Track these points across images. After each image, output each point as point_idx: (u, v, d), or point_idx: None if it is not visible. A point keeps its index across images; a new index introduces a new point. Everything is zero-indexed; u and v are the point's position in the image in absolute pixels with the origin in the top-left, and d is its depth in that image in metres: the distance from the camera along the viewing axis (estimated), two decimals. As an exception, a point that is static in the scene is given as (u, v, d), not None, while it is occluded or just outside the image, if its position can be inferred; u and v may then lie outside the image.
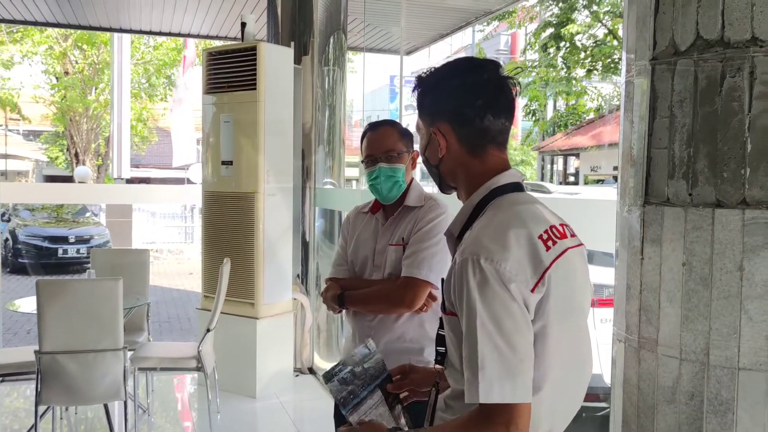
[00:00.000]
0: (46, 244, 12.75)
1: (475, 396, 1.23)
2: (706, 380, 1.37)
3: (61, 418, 4.43)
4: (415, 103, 1.47)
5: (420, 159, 1.60)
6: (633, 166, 1.54)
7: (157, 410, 4.81)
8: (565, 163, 21.67)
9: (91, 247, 12.35)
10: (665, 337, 1.44)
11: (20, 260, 12.58)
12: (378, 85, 29.67)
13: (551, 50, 17.48)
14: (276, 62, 5.02)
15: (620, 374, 1.58)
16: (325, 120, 5.82)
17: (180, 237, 17.81)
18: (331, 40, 5.81)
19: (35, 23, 7.18)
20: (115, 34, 13.65)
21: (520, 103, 20.62)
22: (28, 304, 4.27)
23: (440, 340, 1.46)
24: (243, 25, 5.09)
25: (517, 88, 1.42)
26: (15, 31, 17.76)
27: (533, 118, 19.88)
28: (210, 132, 5.17)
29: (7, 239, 12.85)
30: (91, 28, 7.51)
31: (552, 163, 22.52)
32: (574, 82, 18.02)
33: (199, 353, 4.11)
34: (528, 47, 18.51)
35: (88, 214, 14.83)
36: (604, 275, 4.20)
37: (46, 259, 12.60)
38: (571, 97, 18.73)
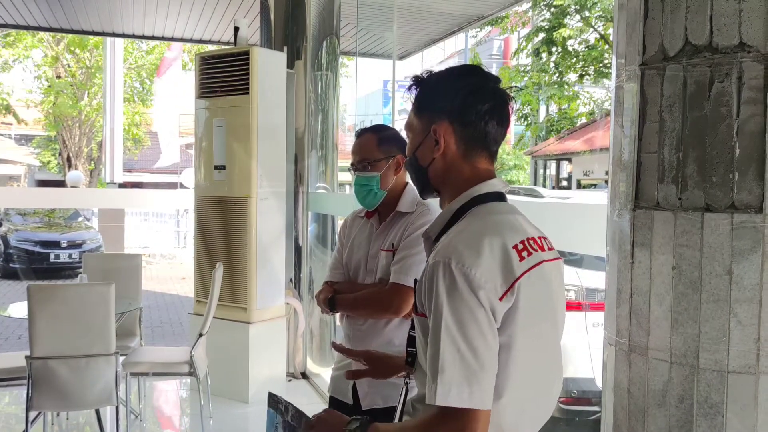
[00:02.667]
0: (37, 248, 12.69)
1: (433, 398, 1.23)
2: (696, 383, 1.38)
3: (53, 424, 4.41)
4: (410, 102, 1.49)
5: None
6: (623, 170, 1.55)
7: (149, 415, 4.79)
8: (558, 167, 21.75)
9: (84, 251, 12.31)
10: (655, 340, 1.44)
11: (12, 265, 12.52)
12: (371, 89, 29.71)
13: (543, 55, 17.55)
14: (269, 67, 5.02)
15: (611, 378, 1.58)
16: (318, 124, 5.82)
17: (173, 241, 17.77)
18: (324, 45, 5.82)
19: (27, 27, 7.17)
20: (108, 39, 13.63)
21: (512, 107, 20.66)
22: (19, 310, 4.25)
23: (411, 341, 1.50)
24: (236, 29, 5.09)
25: (513, 104, 1.45)
26: (6, 35, 17.71)
27: (525, 123, 19.93)
28: (203, 136, 5.16)
29: (-2, 244, 12.79)
30: (83, 32, 7.51)
31: (545, 168, 22.60)
32: (566, 86, 18.10)
33: (191, 358, 4.10)
34: (520, 52, 18.57)
35: (80, 219, 14.78)
36: (595, 279, 4.24)
37: (37, 264, 12.55)
38: (563, 101, 18.80)
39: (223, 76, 5.00)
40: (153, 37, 7.81)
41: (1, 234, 12.99)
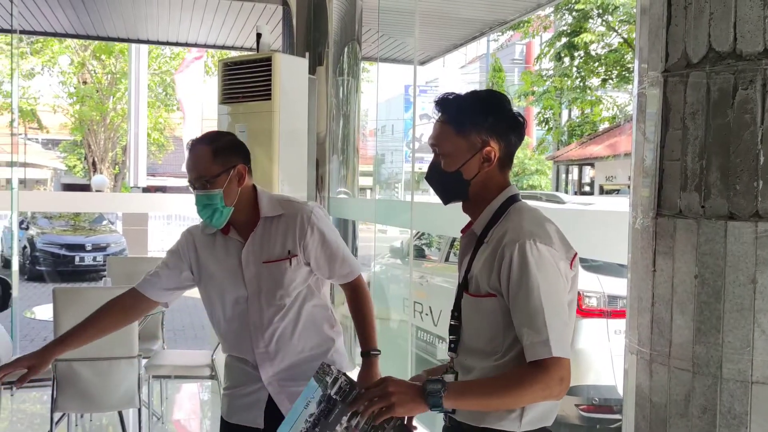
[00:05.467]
0: (63, 251, 12.86)
1: (547, 351, 1.46)
2: (719, 394, 1.36)
3: (77, 425, 4.46)
4: (454, 117, 1.64)
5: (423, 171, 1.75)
6: (645, 177, 1.54)
7: (171, 418, 4.83)
8: (580, 172, 21.58)
9: (108, 255, 12.45)
10: (678, 349, 1.43)
11: (38, 268, 12.70)
12: (392, 94, 29.74)
13: (566, 59, 17.46)
14: (291, 72, 5.05)
15: (632, 387, 1.57)
16: (339, 129, 5.85)
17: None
18: (346, 51, 5.84)
19: (55, 34, 7.29)
20: (133, 45, 13.80)
21: (533, 110, 20.60)
22: (44, 312, 4.31)
23: (452, 329, 1.66)
24: (258, 35, 5.13)
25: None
26: (35, 42, 18.02)
27: (546, 127, 19.83)
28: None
29: (25, 247, 12.97)
30: (109, 38, 7.61)
31: (567, 173, 22.44)
32: (588, 91, 17.98)
33: (212, 362, 4.13)
34: (542, 56, 18.49)
35: (104, 223, 14.95)
36: (617, 286, 4.20)
37: (63, 267, 12.72)
38: (585, 105, 18.69)
39: (246, 81, 5.03)
40: (177, 43, 7.90)
41: (28, 237, 13.18)
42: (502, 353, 1.56)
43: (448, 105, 1.65)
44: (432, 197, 2.14)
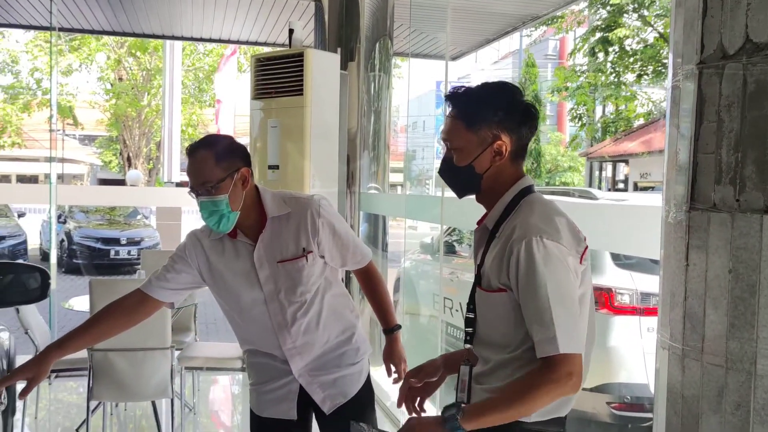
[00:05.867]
0: (99, 245, 13.10)
1: (555, 348, 1.48)
2: (753, 390, 1.34)
3: (111, 415, 4.55)
4: (464, 112, 1.64)
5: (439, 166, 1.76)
6: (679, 171, 1.52)
7: (203, 409, 4.90)
8: (614, 169, 21.30)
9: (142, 248, 12.66)
10: (711, 345, 1.41)
11: (75, 261, 12.95)
12: (424, 90, 29.67)
13: (600, 55, 17.23)
14: (322, 68, 5.07)
15: (664, 383, 1.55)
16: (371, 125, 5.86)
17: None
18: (377, 46, 5.85)
19: (92, 31, 7.42)
20: (167, 42, 13.97)
21: (566, 106, 20.39)
22: (81, 303, 4.40)
23: (468, 322, 1.69)
24: (291, 31, 5.16)
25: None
26: (72, 39, 18.37)
27: (579, 123, 19.60)
28: (257, 137, 5.25)
29: (62, 240, 13.24)
30: (144, 35, 7.74)
31: (600, 170, 22.16)
32: (623, 86, 17.73)
33: (243, 354, 4.18)
34: (576, 52, 18.28)
35: (139, 217, 15.18)
36: (650, 283, 4.14)
37: (98, 260, 12.95)
38: (620, 102, 18.43)
39: (278, 77, 5.07)
40: (210, 40, 7.98)
41: (66, 231, 13.45)
42: (516, 346, 1.60)
43: (459, 99, 1.67)
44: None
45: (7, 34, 19.15)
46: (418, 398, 1.94)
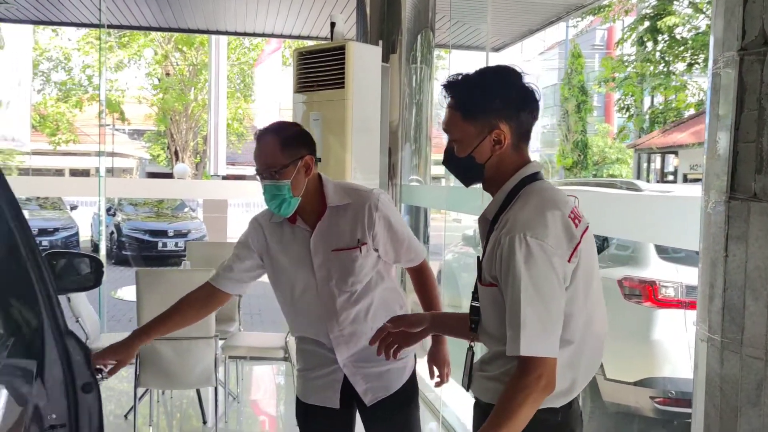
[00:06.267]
0: (147, 237, 13.39)
1: (517, 349, 1.48)
2: (794, 383, 1.31)
3: (158, 401, 4.67)
4: (461, 102, 1.61)
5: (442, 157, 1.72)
6: (718, 160, 1.49)
7: (246, 398, 4.99)
8: (663, 161, 20.82)
9: (189, 240, 12.90)
10: (750, 337, 1.38)
11: (124, 252, 13.28)
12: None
13: (648, 44, 16.86)
14: (364, 61, 5.09)
15: (702, 375, 1.53)
16: (412, 118, 5.85)
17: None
18: (419, 38, 5.84)
19: (139, 28, 7.58)
20: (212, 37, 14.18)
21: (614, 97, 19.99)
22: (129, 293, 4.52)
23: (473, 310, 1.69)
24: (332, 24, 5.19)
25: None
26: (122, 35, 18.80)
27: (627, 114, 19.22)
28: (300, 130, 5.30)
29: (112, 232, 13.58)
30: (189, 30, 7.86)
31: (649, 162, 21.70)
32: (673, 76, 17.32)
33: (286, 344, 4.24)
34: (624, 41, 17.91)
35: (186, 209, 15.47)
36: (695, 276, 4.05)
37: (147, 252, 13.25)
38: (669, 92, 18.01)
39: (320, 70, 5.10)
40: (254, 34, 8.08)
41: (115, 223, 13.80)
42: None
43: (455, 89, 1.63)
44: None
45: (60, 32, 19.68)
46: (395, 345, 1.91)
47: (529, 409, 1.48)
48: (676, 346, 3.91)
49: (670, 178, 20.02)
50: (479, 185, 1.72)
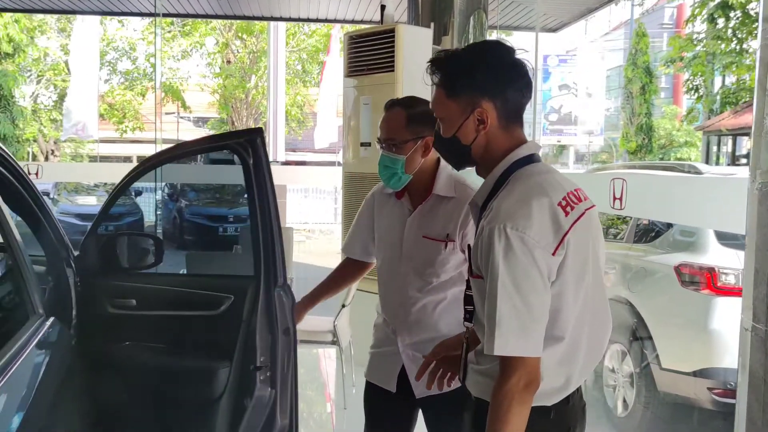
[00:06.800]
0: (207, 222, 13.66)
1: (491, 348, 1.42)
2: (843, 377, 1.22)
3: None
4: (444, 79, 1.54)
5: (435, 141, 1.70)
6: (765, 138, 1.40)
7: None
8: (734, 143, 19.98)
9: (246, 225, 13.09)
10: (796, 327, 1.30)
11: (186, 237, 13.60)
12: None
13: (719, 21, 16.17)
14: (414, 44, 5.03)
15: (746, 366, 1.44)
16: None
17: (331, 217, 18.48)
18: (471, 20, 5.73)
19: (195, 15, 7.72)
20: (271, 24, 14.31)
21: (682, 78, 19.27)
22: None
23: (468, 299, 1.63)
24: (382, 7, 5.15)
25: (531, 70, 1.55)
26: (184, 24, 19.20)
27: (695, 95, 18.51)
28: (351, 115, 5.29)
29: (174, 217, 13.92)
30: (247, 17, 7.96)
31: (719, 144, 20.86)
32: (746, 54, 16.57)
33: (334, 327, 4.26)
34: (693, 19, 17.22)
35: (246, 195, 15.69)
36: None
37: (207, 237, 13.52)
38: (742, 71, 17.24)
39: (370, 54, 5.09)
40: (308, 19, 8.12)
41: (178, 208, 14.14)
42: None
43: (439, 65, 1.57)
44: (571, 168, 2.06)
45: (126, 22, 20.23)
46: (448, 374, 1.87)
47: (518, 411, 1.42)
48: (737, 335, 3.75)
49: (743, 161, 19.20)
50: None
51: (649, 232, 4.68)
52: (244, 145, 2.56)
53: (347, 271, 2.53)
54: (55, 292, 2.48)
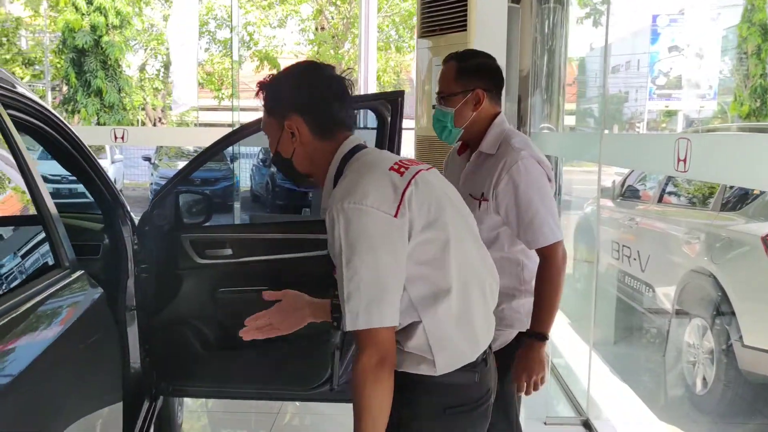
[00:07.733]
0: (296, 188, 13.95)
1: (345, 326, 1.43)
2: None
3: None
4: (264, 103, 1.64)
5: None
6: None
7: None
8: None
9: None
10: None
11: (278, 202, 13.95)
12: (639, 26, 27.61)
13: None
14: (489, 2, 4.86)
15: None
16: (544, 64, 5.54)
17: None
18: (553, -25, 5.48)
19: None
20: (363, -12, 14.25)
21: (352, 88, 18.04)
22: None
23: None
24: (456, -35, 4.98)
25: (351, 86, 1.62)
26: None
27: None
28: (425, 77, 5.20)
29: (267, 183, 14.29)
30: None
31: None
32: None
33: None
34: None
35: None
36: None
37: (297, 202, 13.81)
38: None
39: (443, 13, 4.96)
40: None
41: (270, 174, 14.50)
42: None
43: (262, 88, 1.65)
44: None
45: (223, -10, 20.74)
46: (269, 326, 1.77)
47: (374, 389, 1.42)
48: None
49: None
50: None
51: (743, 199, 4.36)
52: (386, 105, 2.62)
53: None
54: (110, 248, 2.60)
